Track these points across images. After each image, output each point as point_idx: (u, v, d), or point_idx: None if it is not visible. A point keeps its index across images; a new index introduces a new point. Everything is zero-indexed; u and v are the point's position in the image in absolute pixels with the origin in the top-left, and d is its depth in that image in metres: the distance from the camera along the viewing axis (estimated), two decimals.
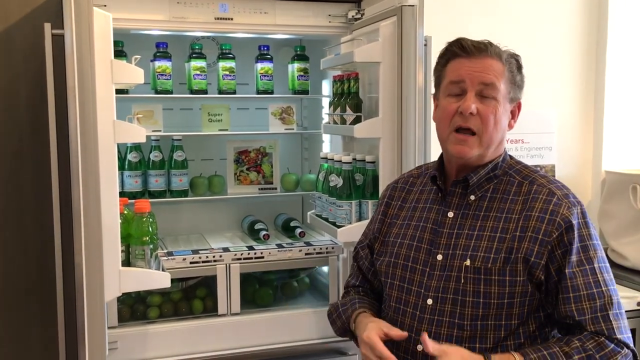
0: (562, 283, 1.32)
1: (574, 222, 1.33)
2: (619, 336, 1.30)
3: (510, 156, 1.49)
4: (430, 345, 1.27)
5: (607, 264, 1.36)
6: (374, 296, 1.63)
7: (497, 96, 1.36)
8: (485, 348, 1.34)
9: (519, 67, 1.43)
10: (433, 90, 1.50)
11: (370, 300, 1.60)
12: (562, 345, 1.29)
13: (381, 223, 1.58)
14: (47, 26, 1.85)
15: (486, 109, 1.36)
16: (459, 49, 1.39)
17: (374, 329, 1.39)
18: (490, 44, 1.40)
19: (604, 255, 1.37)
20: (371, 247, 1.61)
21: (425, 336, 1.29)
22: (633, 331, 2.20)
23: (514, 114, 1.45)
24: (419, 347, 1.39)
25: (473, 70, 1.36)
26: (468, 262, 1.36)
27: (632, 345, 1.32)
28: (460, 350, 1.30)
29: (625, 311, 1.39)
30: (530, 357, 1.27)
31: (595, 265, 1.33)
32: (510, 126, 1.44)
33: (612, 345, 1.29)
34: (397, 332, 1.37)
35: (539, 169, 1.50)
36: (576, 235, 1.33)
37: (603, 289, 1.32)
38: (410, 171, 1.66)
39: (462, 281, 1.36)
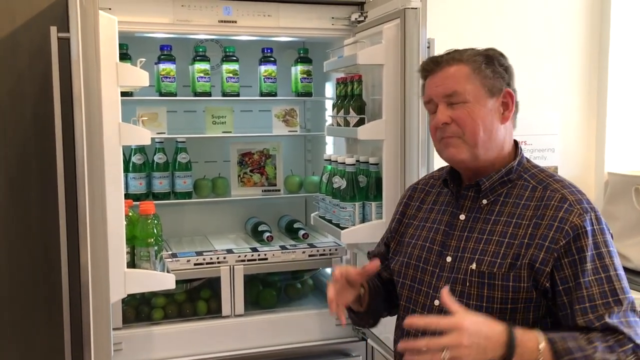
0: (578, 292, 1.29)
1: (588, 229, 1.31)
2: (637, 341, 1.26)
3: (527, 159, 1.47)
4: (452, 303, 1.22)
5: (622, 271, 1.33)
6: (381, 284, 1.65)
7: (465, 99, 1.37)
8: None
9: (488, 61, 1.40)
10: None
11: (375, 281, 1.64)
12: (583, 333, 1.26)
13: (398, 223, 1.61)
14: (53, 29, 1.86)
15: (458, 114, 1.37)
16: (423, 72, 1.44)
17: (343, 266, 1.47)
18: (449, 53, 1.42)
19: (619, 262, 1.34)
20: (388, 245, 1.64)
21: (446, 291, 1.24)
22: None
23: (507, 105, 1.42)
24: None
25: (435, 85, 1.40)
26: (474, 266, 1.36)
27: None
28: (478, 316, 1.23)
29: None
30: (551, 335, 1.23)
31: (612, 273, 1.30)
32: (505, 118, 1.41)
33: (632, 344, 1.25)
34: (369, 267, 1.43)
35: (555, 173, 1.48)
36: (590, 242, 1.30)
37: (620, 297, 1.29)
38: (432, 172, 1.68)
39: (468, 284, 1.36)
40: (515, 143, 1.47)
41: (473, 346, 1.15)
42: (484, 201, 1.42)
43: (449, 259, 1.41)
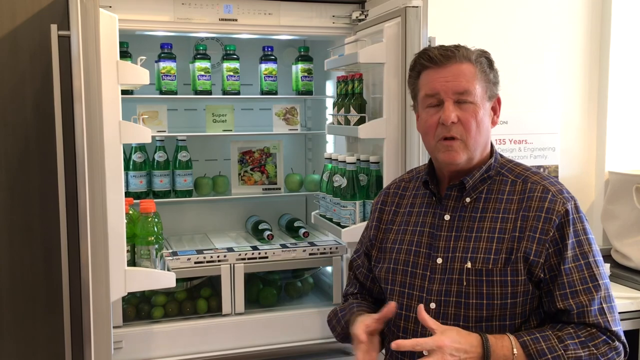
0: (559, 279, 1.33)
1: (569, 217, 1.35)
2: (613, 328, 1.33)
3: (500, 155, 1.50)
4: (429, 320, 1.30)
5: (601, 257, 1.38)
6: (372, 301, 1.64)
7: (474, 100, 1.37)
8: None
9: (490, 64, 1.43)
10: (411, 103, 1.51)
11: (369, 304, 1.61)
12: (555, 330, 1.33)
13: (376, 229, 1.58)
14: (54, 27, 1.85)
15: (466, 115, 1.37)
16: (427, 60, 1.40)
17: (361, 322, 1.44)
18: (457, 48, 1.40)
19: (597, 248, 1.39)
20: (368, 254, 1.61)
21: (421, 309, 1.31)
22: (636, 332, 2.20)
23: (495, 110, 1.46)
24: (425, 352, 1.39)
25: (445, 80, 1.37)
26: (469, 265, 1.36)
27: (623, 338, 1.35)
28: (456, 328, 1.32)
29: (628, 312, 1.40)
30: (524, 339, 1.30)
31: (591, 259, 1.35)
32: (493, 123, 1.45)
33: (604, 337, 1.32)
34: (386, 311, 1.42)
35: (539, 169, 1.50)
36: (571, 230, 1.35)
37: (599, 282, 1.34)
38: (401, 176, 1.66)
39: (465, 283, 1.37)
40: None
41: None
42: (467, 199, 1.43)
43: (439, 260, 1.41)
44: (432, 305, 1.40)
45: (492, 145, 1.48)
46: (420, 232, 1.47)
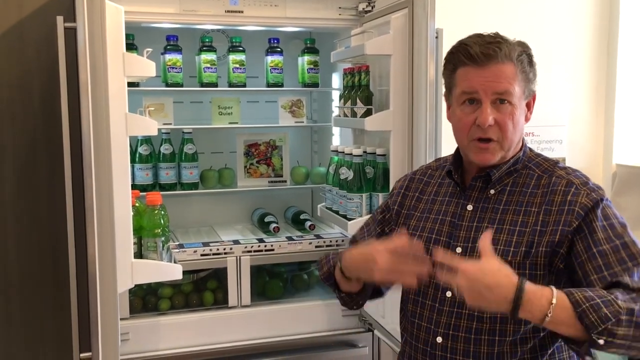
0: (593, 262, 1.27)
1: (596, 204, 1.31)
2: None
3: (530, 149, 1.48)
4: (485, 245, 1.22)
5: (636, 239, 1.30)
6: None
7: (512, 100, 1.35)
8: (503, 341, 1.34)
9: (530, 61, 1.40)
10: (443, 90, 1.48)
11: None
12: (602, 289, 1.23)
13: (397, 214, 1.57)
14: (60, 19, 1.85)
15: (503, 117, 1.34)
16: (467, 58, 1.34)
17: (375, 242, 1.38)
18: (499, 45, 1.34)
19: (631, 231, 1.32)
20: (382, 232, 1.59)
21: (487, 235, 1.24)
22: None
23: (529, 106, 1.44)
24: (439, 339, 1.39)
25: (485, 80, 1.33)
26: None
27: None
28: (498, 261, 1.21)
29: None
30: (568, 288, 1.20)
31: (627, 239, 1.29)
32: (527, 119, 1.43)
33: None
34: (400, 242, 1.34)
35: (558, 160, 1.48)
36: (599, 214, 1.30)
37: (639, 260, 1.26)
38: (429, 163, 1.65)
39: None
40: None
41: (474, 291, 1.18)
42: (492, 191, 1.42)
43: (459, 249, 1.40)
44: (449, 294, 1.38)
45: (522, 139, 1.46)
46: (441, 221, 1.46)
